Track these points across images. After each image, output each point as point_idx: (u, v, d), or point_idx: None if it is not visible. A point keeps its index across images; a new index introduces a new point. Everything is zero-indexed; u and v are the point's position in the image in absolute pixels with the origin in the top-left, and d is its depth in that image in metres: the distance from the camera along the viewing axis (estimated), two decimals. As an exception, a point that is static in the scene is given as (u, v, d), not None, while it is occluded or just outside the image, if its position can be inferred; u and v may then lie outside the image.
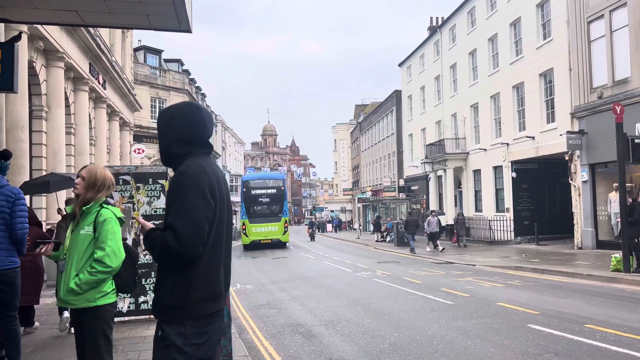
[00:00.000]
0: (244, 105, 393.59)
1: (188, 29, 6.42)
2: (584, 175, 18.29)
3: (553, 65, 20.32)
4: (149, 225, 2.48)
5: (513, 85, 23.49)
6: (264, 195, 30.05)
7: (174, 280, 2.36)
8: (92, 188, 3.51)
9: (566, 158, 19.14)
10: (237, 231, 43.01)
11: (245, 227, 29.27)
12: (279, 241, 29.28)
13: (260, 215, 29.39)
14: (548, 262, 15.23)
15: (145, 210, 7.19)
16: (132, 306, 7.23)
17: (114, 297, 3.56)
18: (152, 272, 7.14)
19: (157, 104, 35.98)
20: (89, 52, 16.03)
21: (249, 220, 29.14)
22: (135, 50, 33.16)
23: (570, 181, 19.21)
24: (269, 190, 30.28)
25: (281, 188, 30.60)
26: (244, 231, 29.45)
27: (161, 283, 2.41)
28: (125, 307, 7.15)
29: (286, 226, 29.54)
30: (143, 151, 24.44)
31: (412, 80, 38.40)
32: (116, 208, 3.63)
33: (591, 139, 17.89)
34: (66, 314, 6.99)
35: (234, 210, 57.40)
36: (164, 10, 5.98)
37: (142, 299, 7.22)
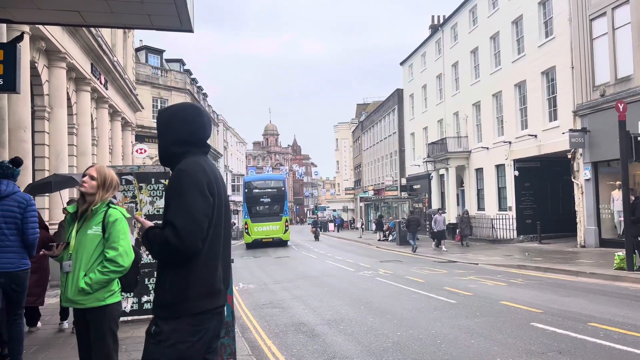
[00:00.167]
0: (245, 105, 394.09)
1: (190, 29, 6.42)
2: (586, 173, 18.26)
3: (555, 63, 20.27)
4: (148, 224, 2.50)
5: (515, 83, 23.45)
6: (266, 196, 31.05)
7: (173, 277, 2.38)
8: (103, 187, 3.53)
9: (569, 156, 19.10)
10: (239, 231, 43.68)
11: (247, 226, 30.32)
12: (280, 240, 30.09)
13: (261, 215, 30.38)
14: (551, 260, 15.20)
15: (148, 210, 7.20)
16: (135, 306, 7.24)
17: (120, 296, 3.58)
18: (155, 272, 7.13)
19: (159, 104, 36.00)
20: (90, 53, 16.05)
21: (251, 220, 30.19)
22: (137, 50, 33.19)
23: (573, 179, 19.16)
24: (270, 190, 31.28)
25: (282, 188, 31.58)
26: (247, 230, 30.47)
27: (160, 280, 2.44)
28: (128, 307, 7.16)
29: (287, 225, 30.44)
30: (145, 151, 24.43)
31: (413, 79, 38.37)
32: (122, 208, 3.65)
33: (594, 137, 17.85)
34: (65, 324, 7.01)
35: (235, 210, 58.25)
36: (166, 10, 5.98)
37: (145, 298, 7.23)
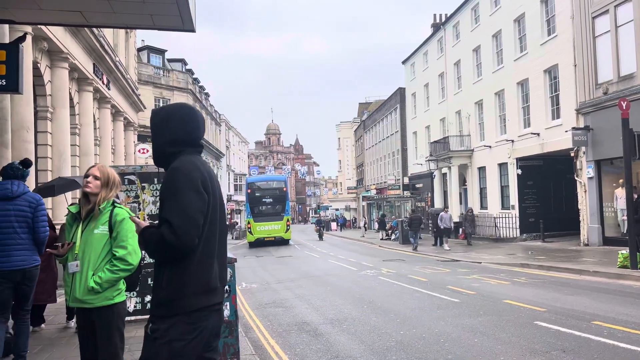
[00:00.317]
0: (247, 104, 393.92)
1: (192, 28, 6.42)
2: (589, 171, 18.20)
3: (558, 61, 20.22)
4: (143, 224, 2.52)
5: (517, 81, 23.40)
6: (268, 196, 32.21)
7: (169, 275, 2.39)
8: (107, 186, 3.56)
9: (572, 154, 19.05)
10: (242, 230, 44.27)
11: (250, 225, 31.50)
12: (282, 238, 31.13)
13: (264, 215, 31.53)
14: (554, 259, 15.17)
15: (151, 210, 7.21)
16: (139, 305, 7.24)
17: (125, 295, 3.62)
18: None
19: (161, 104, 36.03)
20: (92, 53, 16.06)
21: (254, 219, 31.35)
22: (139, 50, 33.23)
23: (576, 178, 19.12)
24: (272, 191, 32.44)
25: (283, 189, 32.77)
26: (249, 229, 31.66)
27: (157, 279, 2.45)
28: (131, 307, 7.16)
29: (288, 224, 31.56)
30: (147, 151, 24.42)
31: (415, 78, 38.32)
32: (126, 207, 3.68)
33: (597, 135, 17.80)
34: (71, 323, 7.04)
35: (237, 210, 58.82)
36: (168, 9, 5.98)
37: (148, 298, 7.21)
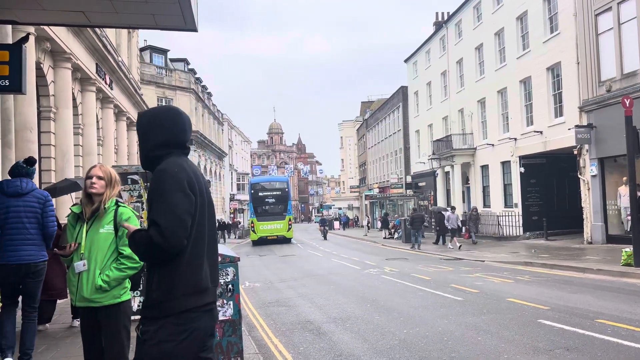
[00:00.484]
0: (249, 104, 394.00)
1: (194, 28, 6.41)
2: (593, 169, 18.15)
3: (560, 59, 20.16)
4: (133, 227, 2.55)
5: (520, 79, 23.34)
6: (270, 197, 33.41)
7: (158, 277, 2.41)
8: (110, 185, 3.61)
9: (575, 152, 19.00)
10: (245, 229, 45.00)
11: (253, 225, 32.53)
12: (284, 237, 32.04)
13: (266, 214, 32.57)
14: (558, 257, 15.14)
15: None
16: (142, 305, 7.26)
17: (129, 294, 3.64)
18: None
19: (164, 104, 36.08)
20: (95, 53, 16.08)
21: (257, 219, 32.36)
22: (141, 50, 33.28)
23: (579, 175, 19.06)
24: (275, 192, 33.64)
25: (285, 189, 33.94)
26: (253, 228, 32.68)
27: (148, 281, 2.47)
28: (135, 306, 7.17)
29: (290, 224, 32.65)
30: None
31: (418, 76, 38.27)
32: (129, 207, 3.70)
33: (600, 133, 17.74)
34: (76, 322, 7.06)
35: (240, 209, 59.31)
36: (170, 9, 5.98)
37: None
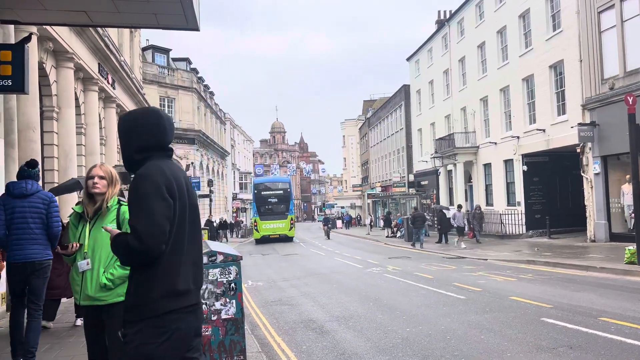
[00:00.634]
0: (251, 103, 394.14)
1: (196, 27, 6.42)
2: (596, 167, 18.11)
3: (563, 56, 20.10)
4: (115, 231, 2.54)
5: (523, 77, 23.29)
6: (273, 196, 34.08)
7: (136, 281, 2.41)
8: (112, 184, 3.66)
9: (578, 150, 18.95)
10: (247, 228, 45.49)
11: (256, 224, 33.28)
12: (286, 236, 32.68)
13: (269, 214, 33.20)
14: (561, 255, 15.11)
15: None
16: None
17: None
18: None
19: (166, 103, 36.15)
20: (97, 52, 16.10)
21: (260, 218, 33.10)
22: (144, 49, 33.30)
23: (582, 174, 19.02)
24: (277, 192, 34.33)
25: (287, 190, 34.60)
26: (255, 227, 33.46)
27: (128, 284, 2.47)
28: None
29: (292, 223, 33.33)
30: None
31: (420, 75, 38.20)
32: None
33: (603, 131, 17.69)
34: (79, 322, 7.09)
35: (243, 208, 59.58)
36: (172, 8, 5.99)
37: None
